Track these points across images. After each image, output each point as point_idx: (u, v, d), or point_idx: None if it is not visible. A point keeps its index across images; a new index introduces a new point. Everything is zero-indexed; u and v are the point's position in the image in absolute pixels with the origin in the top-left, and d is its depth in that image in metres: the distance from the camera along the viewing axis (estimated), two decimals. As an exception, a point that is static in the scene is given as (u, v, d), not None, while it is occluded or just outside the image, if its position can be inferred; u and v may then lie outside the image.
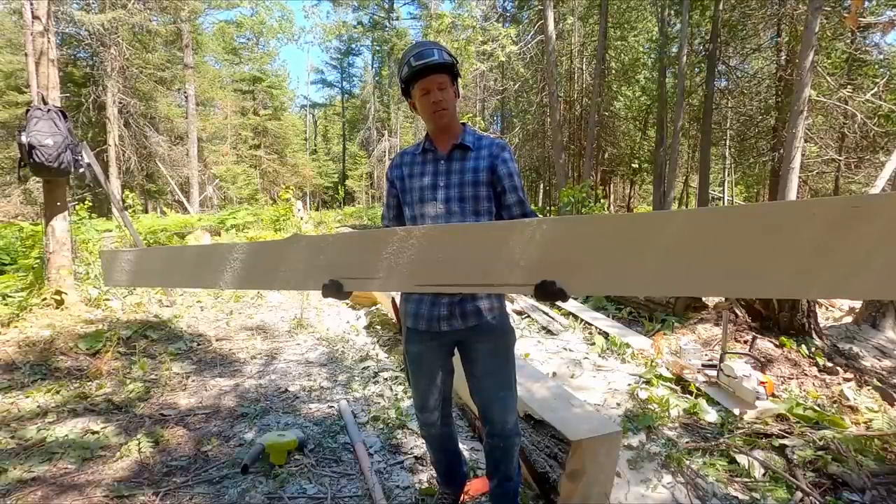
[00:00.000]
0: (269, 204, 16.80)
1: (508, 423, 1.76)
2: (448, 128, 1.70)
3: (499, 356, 1.72)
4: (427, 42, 1.68)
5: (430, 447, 1.98)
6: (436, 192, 1.68)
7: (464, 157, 1.69)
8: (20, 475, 2.23)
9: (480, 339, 1.70)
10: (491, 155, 1.68)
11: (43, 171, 4.32)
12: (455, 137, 1.71)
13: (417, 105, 1.69)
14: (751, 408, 2.85)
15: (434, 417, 1.83)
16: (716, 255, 1.18)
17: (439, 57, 1.60)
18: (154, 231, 10.42)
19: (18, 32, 16.14)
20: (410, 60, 1.61)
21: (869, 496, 2.07)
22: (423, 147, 1.75)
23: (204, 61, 25.02)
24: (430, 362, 1.76)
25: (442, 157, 1.71)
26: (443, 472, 2.02)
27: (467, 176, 1.67)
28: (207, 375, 3.51)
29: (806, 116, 8.13)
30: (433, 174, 1.70)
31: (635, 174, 21.90)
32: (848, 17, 3.70)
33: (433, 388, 1.78)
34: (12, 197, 16.68)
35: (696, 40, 15.24)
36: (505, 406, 1.74)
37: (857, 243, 0.99)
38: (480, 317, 1.68)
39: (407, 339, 1.79)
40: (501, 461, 1.82)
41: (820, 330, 3.83)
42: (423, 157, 1.74)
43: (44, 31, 4.52)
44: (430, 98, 1.64)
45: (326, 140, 45.17)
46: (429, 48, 1.63)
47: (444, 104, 1.64)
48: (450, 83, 1.65)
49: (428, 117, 1.69)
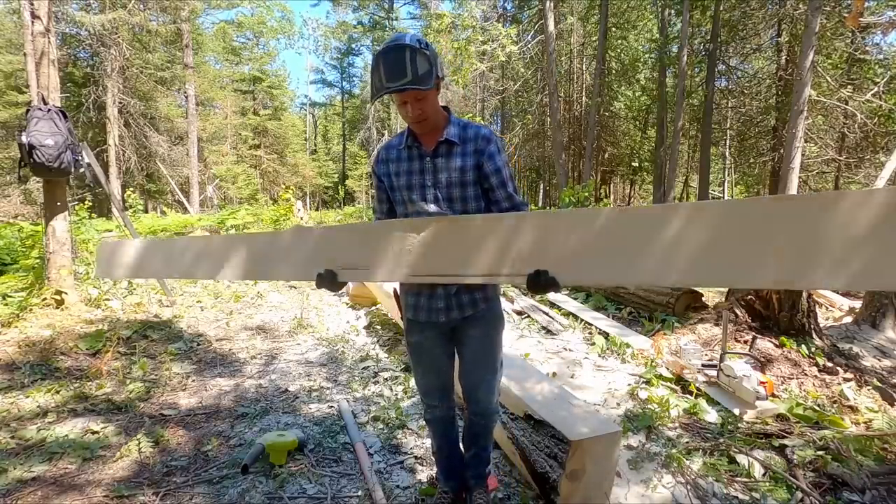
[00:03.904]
0: (270, 204, 16.79)
1: (492, 403, 1.89)
2: (431, 130, 1.67)
3: (487, 342, 1.80)
4: (399, 46, 1.50)
5: (434, 432, 1.99)
6: (425, 193, 1.67)
7: (449, 152, 1.66)
8: (20, 475, 2.23)
9: (473, 327, 1.77)
10: (477, 150, 1.64)
11: (43, 171, 4.32)
12: (439, 132, 1.66)
13: (397, 109, 1.67)
14: (751, 408, 2.85)
15: (437, 400, 1.91)
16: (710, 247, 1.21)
17: (412, 75, 1.48)
18: (154, 231, 10.46)
19: (18, 32, 16.13)
20: (382, 79, 1.50)
21: (869, 496, 2.07)
22: (407, 143, 1.70)
23: (204, 61, 25.04)
24: (430, 350, 1.82)
25: (427, 154, 1.67)
26: (443, 466, 2.02)
27: (454, 176, 1.65)
28: (207, 375, 3.51)
29: (806, 116, 8.13)
30: (420, 173, 1.68)
31: (635, 174, 21.91)
32: (848, 17, 3.70)
33: (435, 375, 1.87)
34: (12, 197, 16.70)
35: (696, 40, 15.23)
36: (490, 388, 1.86)
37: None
38: (476, 306, 1.74)
39: (408, 330, 1.85)
40: (481, 435, 1.95)
41: (820, 330, 3.83)
42: (409, 153, 1.70)
43: (44, 32, 4.51)
44: (406, 111, 1.59)
45: (326, 140, 45.17)
46: (400, 62, 1.48)
47: (423, 115, 1.59)
48: (429, 90, 1.56)
49: (410, 125, 1.66)
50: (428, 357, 1.84)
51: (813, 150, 12.59)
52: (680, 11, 13.48)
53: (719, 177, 24.92)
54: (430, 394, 1.90)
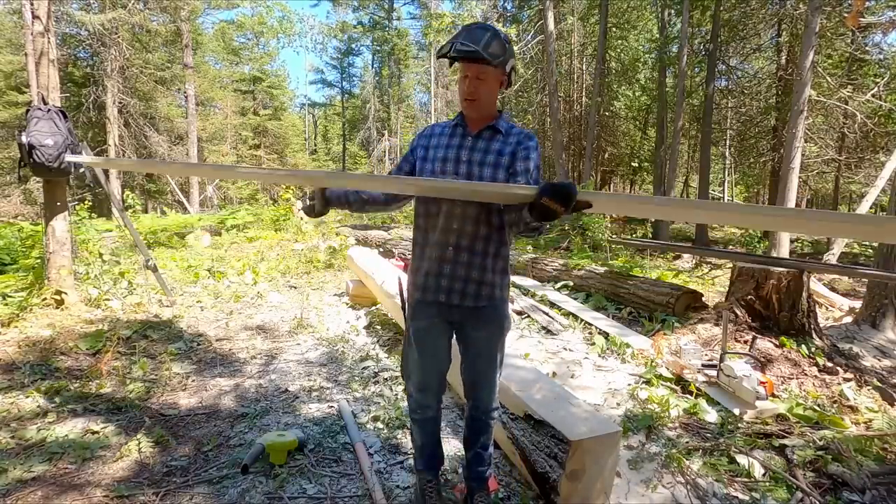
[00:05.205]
0: (270, 204, 16.79)
1: (494, 401, 1.92)
2: (479, 117, 1.73)
3: (493, 342, 1.82)
4: (485, 26, 1.63)
5: (421, 431, 1.98)
6: (458, 166, 1.71)
7: (492, 137, 1.72)
8: (20, 475, 2.23)
9: (479, 325, 1.78)
10: (518, 143, 1.71)
11: (43, 171, 4.31)
12: (488, 121, 1.74)
13: (457, 83, 1.72)
14: (751, 408, 2.85)
15: (431, 399, 1.91)
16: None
17: (484, 48, 1.56)
18: (154, 231, 10.42)
19: (18, 32, 16.14)
20: (458, 39, 1.59)
21: (869, 496, 2.07)
22: (455, 123, 1.78)
23: (204, 61, 25.04)
24: (434, 338, 1.82)
25: (471, 134, 1.74)
26: (427, 457, 2.02)
27: (490, 157, 1.70)
28: (207, 375, 3.51)
29: (806, 116, 8.13)
30: (458, 148, 1.73)
31: (635, 174, 21.92)
32: (848, 17, 3.70)
33: (435, 366, 1.87)
34: (12, 197, 16.71)
35: (696, 40, 15.23)
36: (492, 386, 1.89)
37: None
38: (480, 299, 1.74)
39: (413, 315, 1.84)
40: (482, 433, 1.96)
41: (820, 330, 3.83)
42: (453, 131, 1.77)
43: (44, 32, 4.51)
44: (464, 84, 1.66)
45: (326, 140, 45.16)
46: (478, 34, 1.58)
47: (475, 95, 1.65)
48: (493, 76, 1.64)
49: (461, 101, 1.72)
50: (431, 346, 1.83)
51: (813, 150, 12.58)
52: (680, 11, 13.47)
53: (719, 177, 24.93)
54: (426, 391, 1.89)
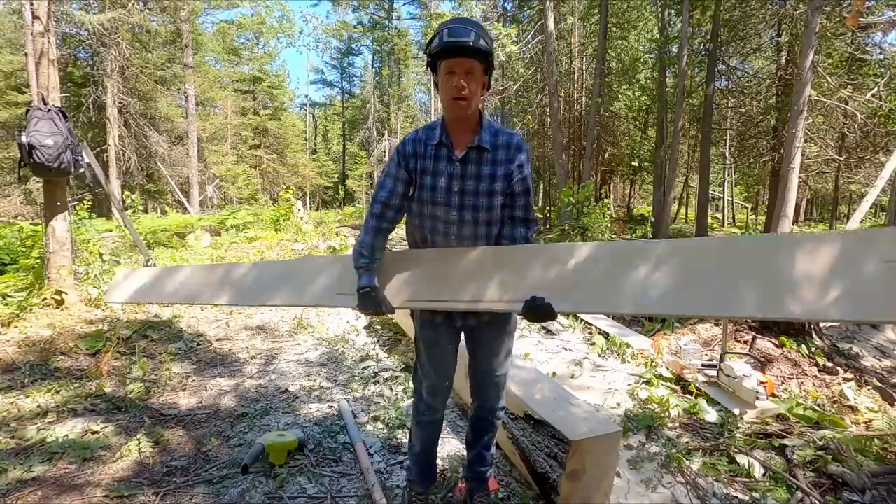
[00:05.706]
0: (270, 204, 16.80)
1: (501, 400, 1.94)
2: (465, 120, 1.61)
3: (501, 344, 1.83)
4: (468, 20, 1.54)
5: (426, 435, 1.95)
6: (450, 197, 1.65)
7: (480, 159, 1.63)
8: (20, 475, 2.23)
9: (487, 329, 1.80)
10: (508, 160, 1.63)
11: (43, 171, 4.31)
12: (472, 133, 1.63)
13: (440, 84, 1.57)
14: (751, 408, 2.85)
15: (441, 403, 1.91)
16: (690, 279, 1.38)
17: (474, 40, 1.47)
18: (154, 231, 10.40)
19: (18, 32, 16.14)
20: (444, 34, 1.50)
21: (869, 496, 2.07)
22: (440, 139, 1.64)
23: (204, 61, 25.01)
24: (443, 347, 1.83)
25: (456, 158, 1.63)
26: (423, 466, 2.01)
27: (483, 185, 1.63)
28: (207, 375, 3.51)
29: (806, 116, 8.12)
30: (448, 176, 1.64)
31: (635, 174, 21.89)
32: (848, 17, 3.70)
33: (445, 371, 1.87)
34: (12, 197, 16.70)
35: (696, 40, 15.21)
36: (499, 385, 1.91)
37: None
38: (490, 314, 1.75)
39: (422, 326, 1.84)
40: (487, 432, 1.97)
41: (820, 330, 3.83)
42: (437, 153, 1.65)
43: (44, 32, 4.51)
44: (452, 81, 1.53)
45: (326, 140, 45.15)
46: (467, 28, 1.49)
47: (465, 93, 1.53)
48: (480, 72, 1.54)
49: (446, 103, 1.58)
50: (440, 353, 1.84)
51: (813, 150, 12.57)
52: (680, 11, 13.47)
53: (719, 177, 24.93)
54: (436, 394, 1.88)
